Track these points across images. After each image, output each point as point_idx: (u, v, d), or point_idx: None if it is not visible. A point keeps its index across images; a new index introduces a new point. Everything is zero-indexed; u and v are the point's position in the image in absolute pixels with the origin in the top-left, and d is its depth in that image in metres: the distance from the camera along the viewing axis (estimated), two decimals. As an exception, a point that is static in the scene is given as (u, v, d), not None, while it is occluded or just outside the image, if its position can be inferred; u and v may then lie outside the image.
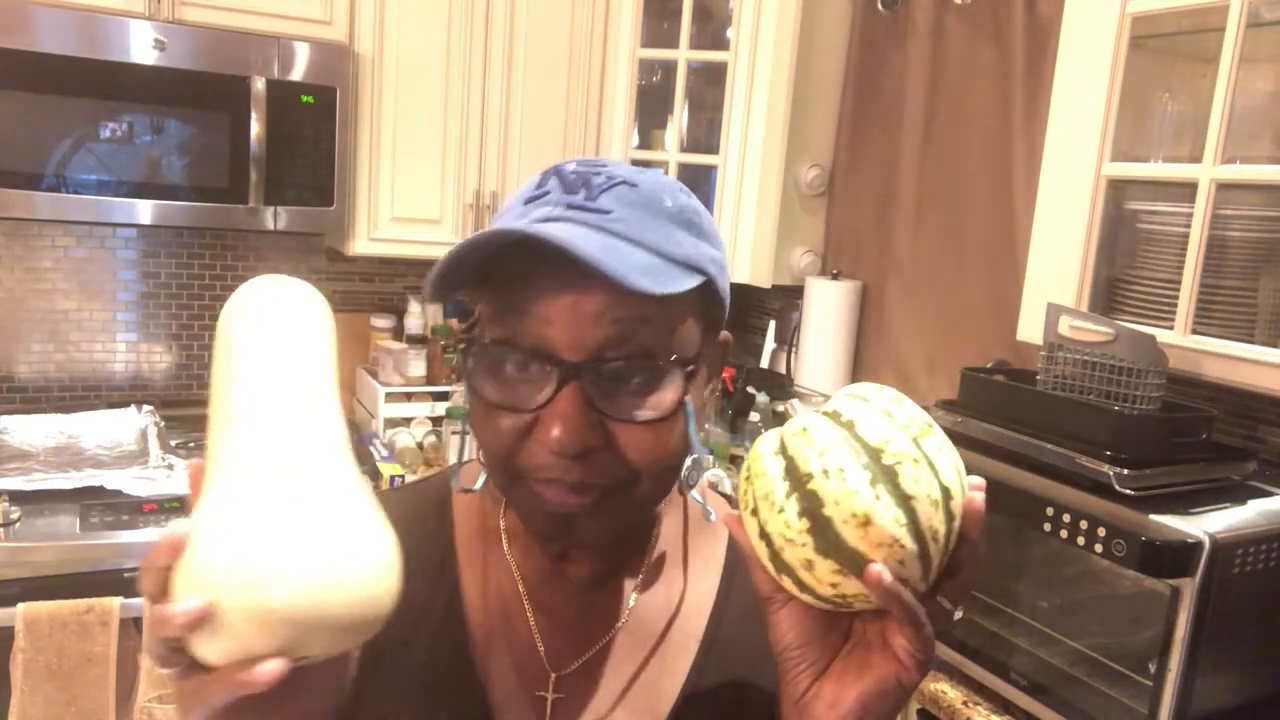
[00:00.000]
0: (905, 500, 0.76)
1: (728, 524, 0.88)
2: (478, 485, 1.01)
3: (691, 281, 0.88)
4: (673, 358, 0.90)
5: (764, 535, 0.81)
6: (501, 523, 1.08)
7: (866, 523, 0.75)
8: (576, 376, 0.86)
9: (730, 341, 1.02)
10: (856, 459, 0.77)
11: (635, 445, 0.88)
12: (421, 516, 1.11)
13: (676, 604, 1.07)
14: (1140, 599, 1.98)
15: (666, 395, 0.90)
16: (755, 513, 0.82)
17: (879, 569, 0.75)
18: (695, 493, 1.04)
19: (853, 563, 0.77)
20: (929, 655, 0.81)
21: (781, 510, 0.79)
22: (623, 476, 0.89)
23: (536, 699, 1.02)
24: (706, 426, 3.54)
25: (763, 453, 0.83)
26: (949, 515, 0.78)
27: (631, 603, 1.06)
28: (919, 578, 0.78)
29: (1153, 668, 1.89)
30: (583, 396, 0.86)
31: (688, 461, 0.98)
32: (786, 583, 0.82)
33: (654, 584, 1.07)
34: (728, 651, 1.06)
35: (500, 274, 0.89)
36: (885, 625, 0.82)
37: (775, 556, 0.81)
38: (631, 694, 1.04)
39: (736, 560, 1.10)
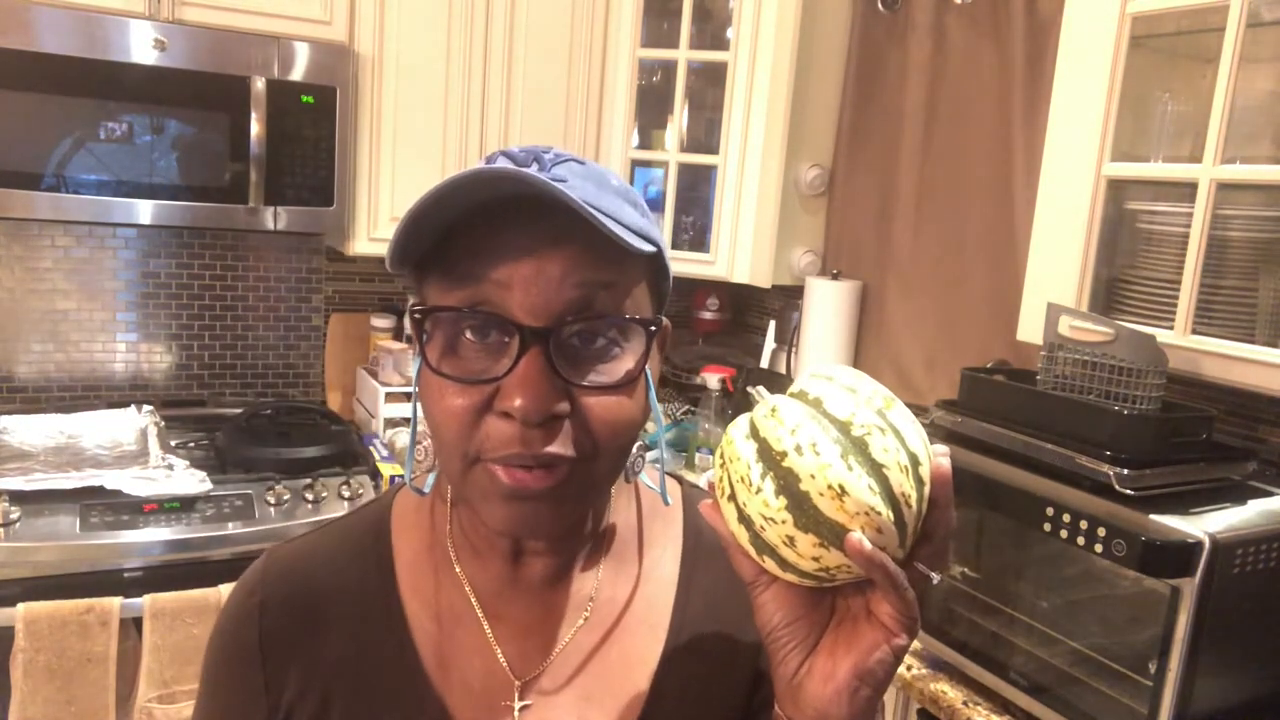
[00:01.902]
0: (877, 469, 0.78)
1: (705, 513, 0.88)
2: (427, 487, 1.03)
3: (648, 247, 0.89)
4: (636, 317, 0.91)
5: (743, 518, 0.83)
6: (449, 540, 1.06)
7: (842, 493, 0.77)
8: (539, 342, 0.85)
9: (670, 328, 1.01)
10: (826, 433, 0.79)
11: (599, 413, 0.88)
12: (357, 547, 1.09)
13: (636, 593, 1.07)
14: (1140, 599, 1.97)
15: (629, 359, 0.91)
16: (732, 497, 0.83)
17: (858, 537, 0.77)
18: (646, 478, 1.06)
19: (832, 534, 0.78)
20: (914, 619, 0.82)
21: (759, 490, 0.80)
22: (585, 448, 0.88)
23: (503, 709, 1.01)
24: (705, 426, 3.55)
25: (734, 437, 0.84)
26: (919, 481, 0.80)
27: (591, 599, 1.04)
28: (896, 545, 0.80)
29: (1153, 668, 1.89)
30: (546, 362, 0.85)
31: (633, 450, 0.98)
32: (769, 563, 0.84)
33: (612, 577, 1.06)
34: (695, 639, 1.06)
35: (455, 244, 0.88)
36: (869, 596, 0.84)
37: (756, 538, 0.82)
38: (600, 692, 1.02)
39: (696, 544, 1.10)
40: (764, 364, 3.85)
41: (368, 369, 3.71)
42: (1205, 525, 1.82)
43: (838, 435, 0.79)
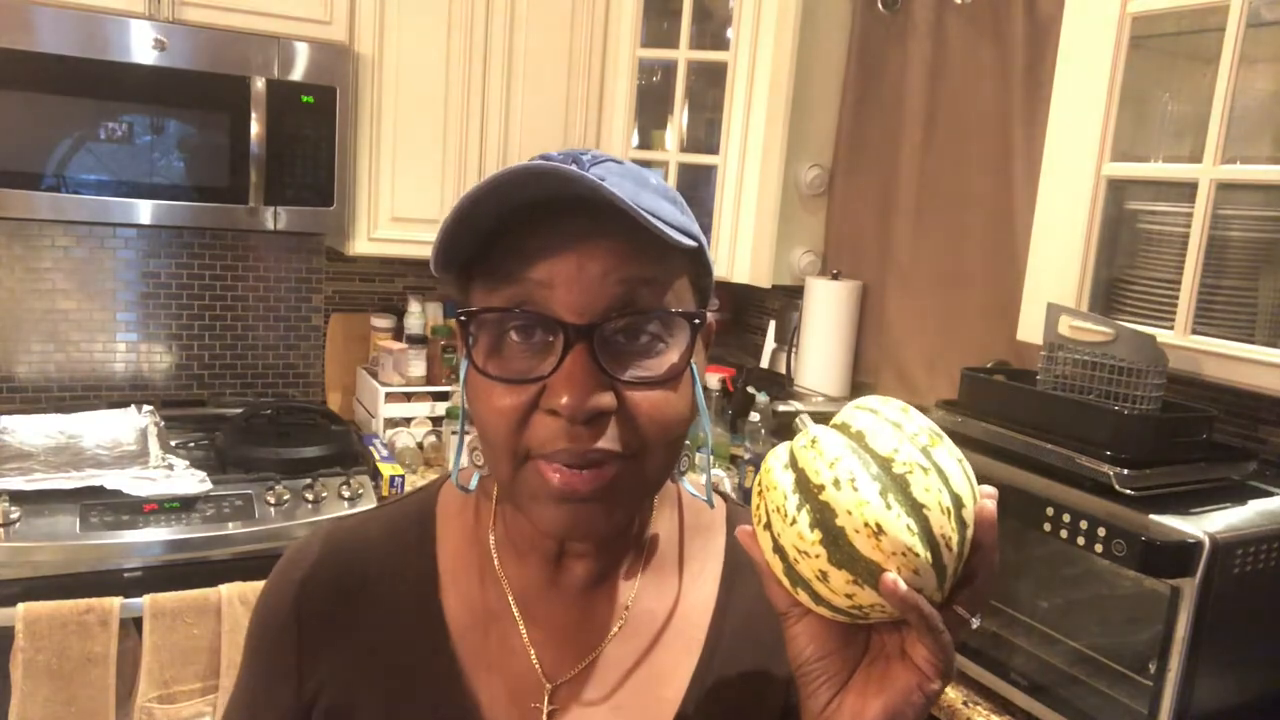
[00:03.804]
0: (917, 509, 0.77)
1: (742, 540, 0.87)
2: (472, 485, 1.02)
3: (689, 241, 0.89)
4: (679, 310, 0.90)
5: (778, 548, 0.82)
6: (491, 536, 1.06)
7: (879, 531, 0.76)
8: (583, 339, 0.86)
9: (714, 326, 1.01)
10: (867, 469, 0.78)
11: (645, 409, 0.88)
12: (402, 537, 1.09)
13: (675, 608, 1.06)
14: (1140, 599, 1.98)
15: (674, 354, 0.90)
16: (768, 526, 0.82)
17: (894, 578, 0.76)
18: (688, 484, 1.04)
19: (867, 573, 0.77)
20: (950, 664, 0.81)
21: (794, 522, 0.79)
22: (633, 444, 0.88)
23: (531, 711, 1.01)
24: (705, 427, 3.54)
25: (773, 466, 0.83)
26: (961, 523, 0.79)
27: (628, 608, 1.04)
28: (934, 587, 0.78)
29: (1153, 668, 1.89)
30: (591, 359, 0.86)
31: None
32: (802, 596, 0.83)
33: (650, 588, 1.06)
34: (730, 659, 1.04)
35: (496, 246, 0.88)
36: (904, 636, 0.83)
37: (790, 570, 0.81)
38: (629, 703, 1.02)
39: (737, 563, 1.09)
40: (764, 364, 3.85)
41: (368, 369, 3.71)
42: (1205, 525, 1.82)
43: (878, 471, 0.78)
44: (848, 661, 0.85)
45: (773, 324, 3.87)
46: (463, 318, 0.91)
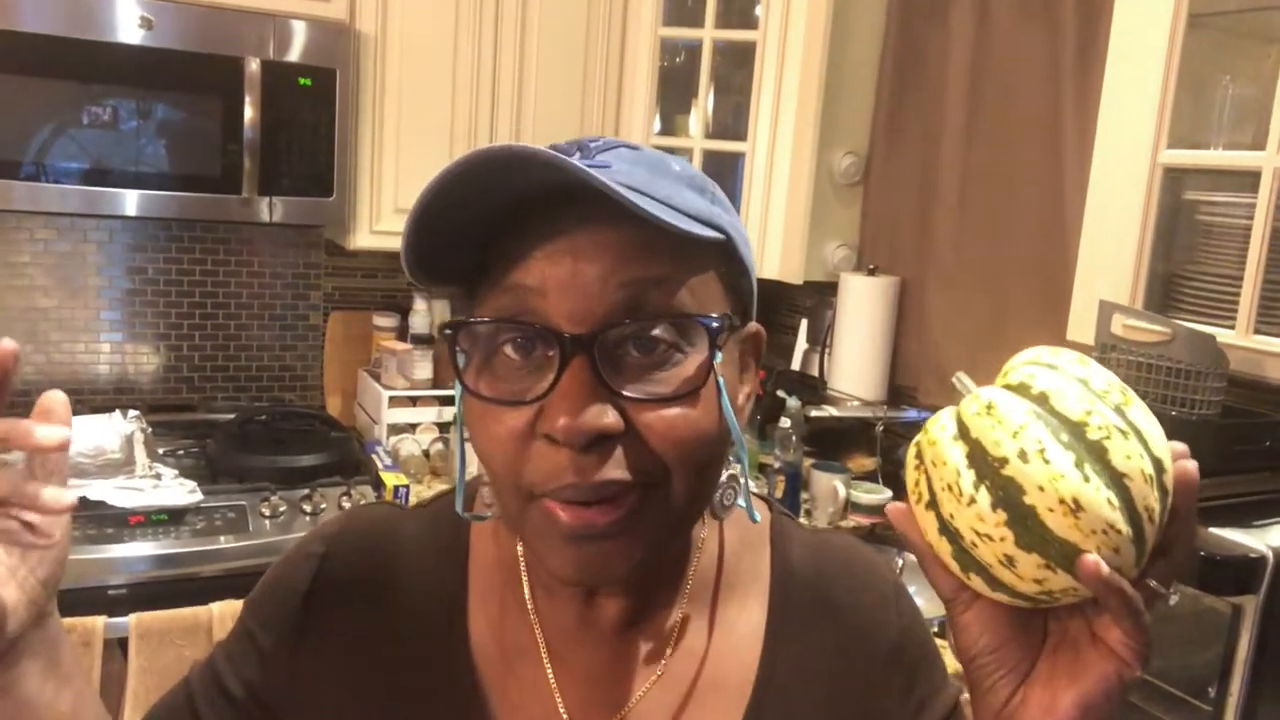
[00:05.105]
0: (1118, 479, 0.72)
1: (894, 519, 0.83)
2: (488, 513, 0.96)
3: (709, 232, 0.83)
4: (695, 314, 0.84)
5: (947, 530, 0.77)
6: (522, 563, 1.01)
7: (1076, 508, 0.71)
8: (582, 351, 0.80)
9: (763, 335, 0.96)
10: (1056, 436, 0.73)
11: (661, 429, 0.82)
12: (437, 544, 1.05)
13: (717, 648, 1.00)
14: (1198, 618, 1.98)
15: (690, 364, 0.84)
16: (933, 505, 0.78)
17: (1094, 559, 0.71)
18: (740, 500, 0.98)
19: (1061, 555, 0.73)
20: (1148, 645, 0.76)
21: (972, 502, 0.75)
22: (650, 471, 0.82)
23: None
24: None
25: (939, 437, 0.78)
26: (1163, 490, 0.74)
27: (668, 651, 0.98)
28: (1132, 563, 0.74)
29: (1212, 692, 1.90)
30: (591, 373, 0.80)
31: (722, 477, 0.92)
32: (975, 581, 0.79)
33: (692, 624, 1.00)
34: (785, 699, 1.00)
35: (488, 249, 0.85)
36: (1093, 619, 0.78)
37: (963, 554, 0.77)
38: None
39: (787, 588, 1.04)
40: (795, 366, 3.86)
41: (370, 371, 3.73)
42: (1269, 539, 1.83)
43: (1070, 438, 0.73)
44: (1027, 650, 0.81)
45: (804, 323, 3.88)
46: (447, 331, 0.86)
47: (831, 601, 1.04)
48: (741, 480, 0.96)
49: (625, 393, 0.81)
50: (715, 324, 0.84)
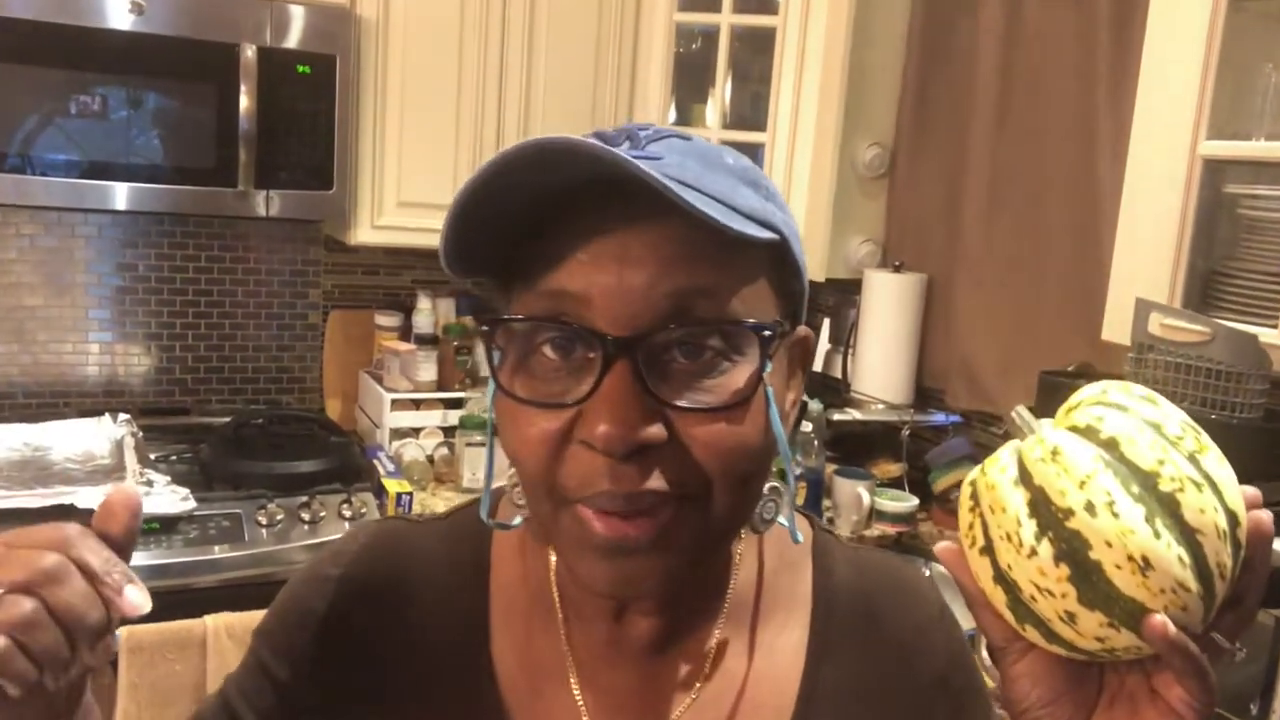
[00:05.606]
0: (1189, 535, 0.71)
1: (948, 565, 0.82)
2: (516, 521, 0.95)
3: (763, 234, 0.82)
4: (747, 322, 0.83)
5: (1004, 580, 0.77)
6: (551, 578, 1.00)
7: (1146, 566, 0.70)
8: (625, 355, 0.79)
9: (812, 339, 0.96)
10: (1126, 487, 0.71)
11: (705, 439, 0.81)
12: (456, 561, 1.04)
13: (757, 671, 0.99)
14: (1240, 634, 1.96)
15: (739, 374, 0.82)
16: (988, 551, 0.77)
17: (1162, 620, 0.70)
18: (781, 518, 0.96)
19: (1127, 614, 0.72)
20: (1213, 704, 0.76)
21: (1033, 554, 0.73)
22: (690, 483, 0.81)
23: None
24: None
25: (998, 480, 0.77)
26: (1236, 545, 0.73)
27: (704, 674, 0.98)
28: (1199, 620, 0.73)
29: (1254, 708, 1.88)
30: (635, 379, 0.79)
31: (765, 489, 0.91)
32: (1031, 633, 0.78)
33: (729, 645, 0.99)
34: None
35: (528, 246, 0.83)
36: (1154, 675, 0.77)
37: (1019, 605, 0.76)
38: None
39: (829, 609, 1.03)
40: (817, 367, 3.85)
41: (371, 373, 3.73)
42: (1314, 551, 1.81)
43: (1141, 490, 0.71)
44: (1082, 704, 0.80)
45: (827, 322, 3.88)
46: (485, 327, 0.85)
47: (876, 624, 1.04)
48: (784, 494, 0.95)
49: (671, 401, 0.80)
50: (768, 332, 0.83)
